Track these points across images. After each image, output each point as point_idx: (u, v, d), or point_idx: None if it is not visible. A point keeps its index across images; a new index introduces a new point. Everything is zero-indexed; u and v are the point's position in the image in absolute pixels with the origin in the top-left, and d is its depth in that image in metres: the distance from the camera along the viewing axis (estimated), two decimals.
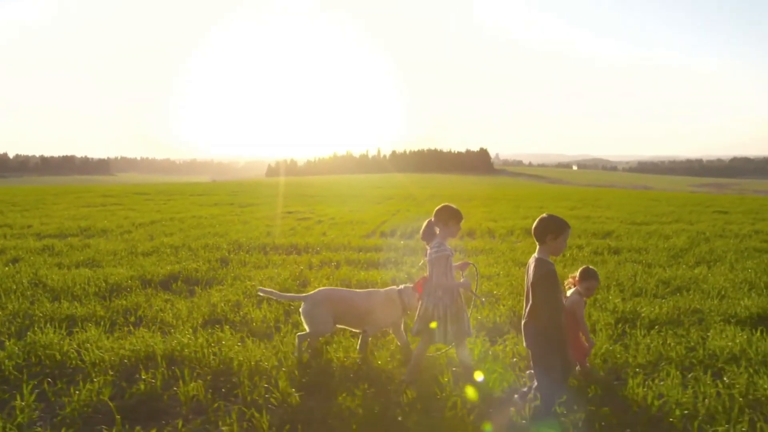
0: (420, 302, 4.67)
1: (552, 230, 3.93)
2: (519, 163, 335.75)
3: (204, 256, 10.46)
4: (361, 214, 23.03)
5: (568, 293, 4.79)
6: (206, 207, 27.45)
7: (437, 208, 4.67)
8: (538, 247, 4.01)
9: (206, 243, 12.27)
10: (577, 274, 4.80)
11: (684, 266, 9.96)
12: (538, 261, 3.91)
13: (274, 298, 5.42)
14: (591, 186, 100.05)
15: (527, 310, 3.97)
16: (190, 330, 5.60)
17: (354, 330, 5.39)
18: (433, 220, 4.64)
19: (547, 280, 3.81)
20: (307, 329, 5.12)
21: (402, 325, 5.32)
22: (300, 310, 5.23)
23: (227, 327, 5.74)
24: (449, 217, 4.60)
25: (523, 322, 4.04)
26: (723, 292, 7.60)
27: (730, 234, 15.26)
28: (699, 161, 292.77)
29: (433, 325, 4.50)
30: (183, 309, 6.36)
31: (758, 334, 5.64)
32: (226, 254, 10.76)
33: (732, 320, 6.29)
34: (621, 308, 6.64)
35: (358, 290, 5.48)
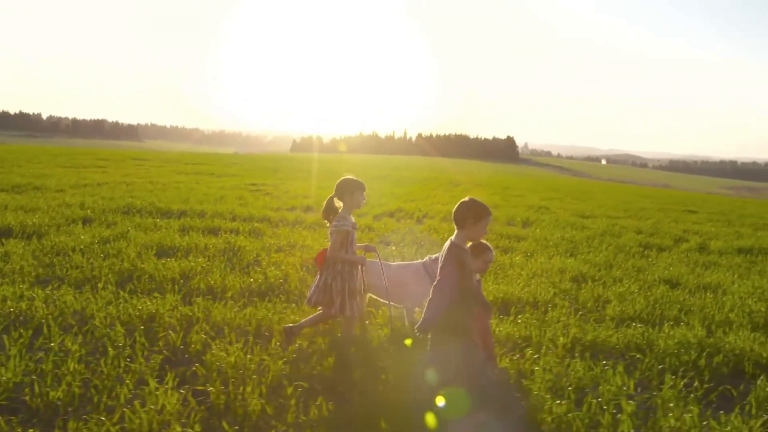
0: (318, 274, 4.70)
1: (473, 214, 3.78)
2: (548, 153, 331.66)
3: (71, 213, 10.70)
4: (317, 190, 23.15)
5: None
6: (181, 174, 27.88)
7: (339, 180, 4.66)
8: (456, 231, 3.83)
9: (100, 204, 12.56)
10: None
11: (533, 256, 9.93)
12: (452, 245, 3.76)
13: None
14: (611, 181, 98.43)
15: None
16: None
17: (391, 303, 5.23)
18: (334, 194, 4.65)
19: (456, 264, 3.66)
20: None
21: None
22: None
23: None
24: (354, 188, 4.62)
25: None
26: (504, 278, 7.58)
27: (647, 231, 15.04)
28: (733, 162, 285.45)
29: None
30: None
31: None
32: (98, 214, 10.98)
33: None
34: None
35: (393, 263, 5.42)
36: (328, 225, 4.68)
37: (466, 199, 3.86)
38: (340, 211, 4.63)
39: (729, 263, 10.32)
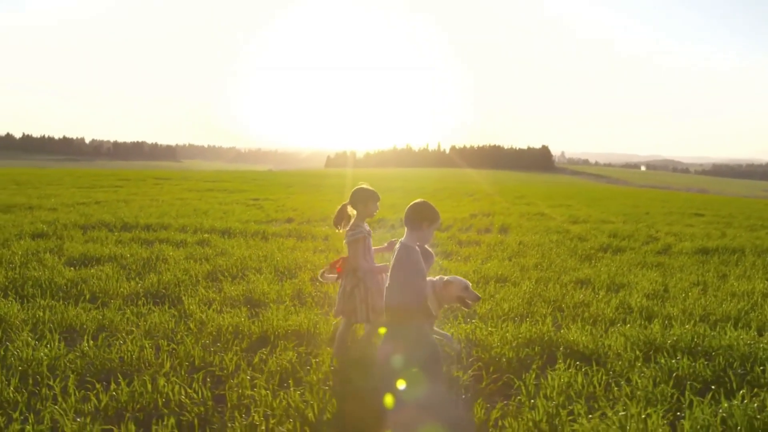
0: (340, 282, 4.83)
1: (428, 217, 3.81)
2: (585, 162, 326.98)
3: (31, 228, 11.15)
4: (317, 203, 23.41)
5: None
6: (191, 192, 28.46)
7: (354, 189, 4.80)
8: (406, 232, 3.84)
9: (73, 220, 13.04)
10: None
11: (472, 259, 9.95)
12: (404, 246, 3.76)
13: None
14: (644, 187, 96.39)
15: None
16: None
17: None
18: (348, 202, 4.79)
19: (411, 263, 3.68)
20: None
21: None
22: None
23: None
24: (368, 197, 4.76)
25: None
26: None
27: (622, 234, 14.78)
28: None
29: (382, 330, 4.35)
30: None
31: None
32: (59, 229, 11.41)
33: None
34: None
35: None
36: (338, 231, 4.80)
37: (419, 201, 3.87)
38: (353, 219, 4.74)
39: (674, 263, 10.12)
